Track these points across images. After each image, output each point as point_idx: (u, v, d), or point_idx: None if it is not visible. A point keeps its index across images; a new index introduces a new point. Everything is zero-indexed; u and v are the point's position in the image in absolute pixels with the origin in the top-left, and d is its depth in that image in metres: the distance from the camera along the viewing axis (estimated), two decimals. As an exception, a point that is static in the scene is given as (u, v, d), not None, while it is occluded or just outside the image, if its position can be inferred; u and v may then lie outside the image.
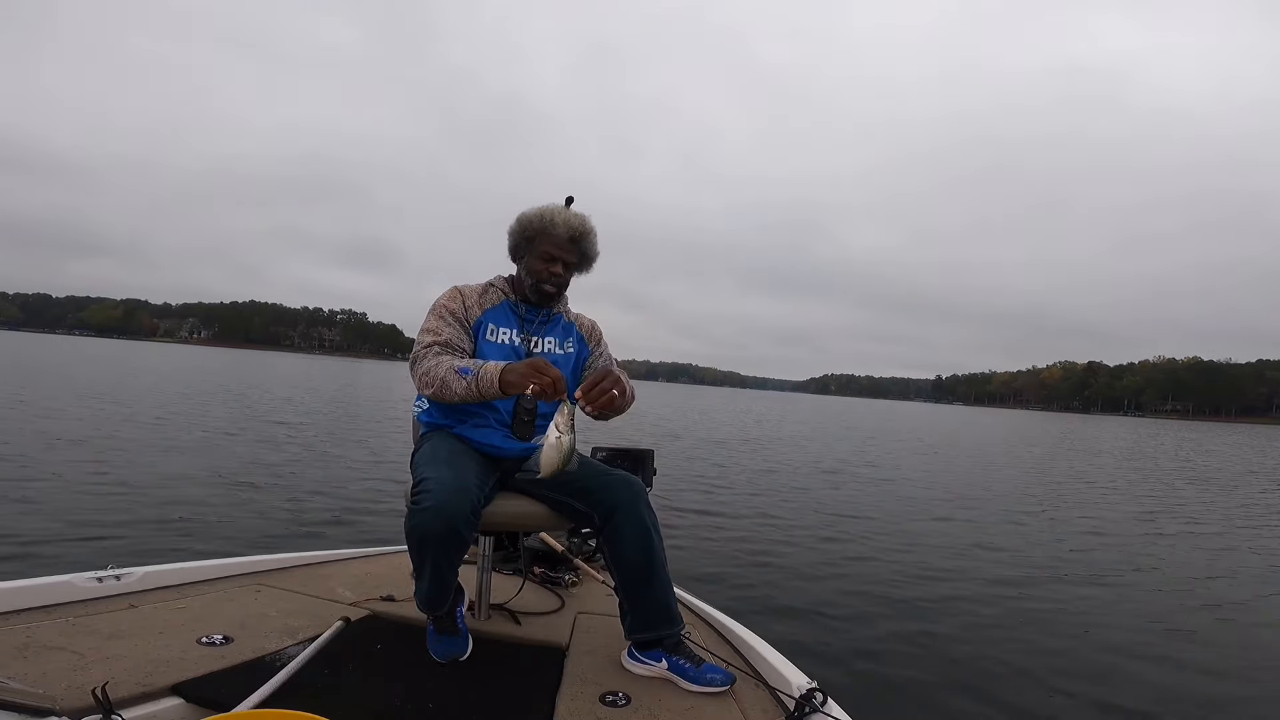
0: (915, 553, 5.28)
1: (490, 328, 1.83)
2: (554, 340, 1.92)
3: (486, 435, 1.80)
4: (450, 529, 1.49)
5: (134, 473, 6.02)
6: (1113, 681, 3.02)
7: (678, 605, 1.74)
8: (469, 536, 1.55)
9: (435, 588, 1.59)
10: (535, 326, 1.90)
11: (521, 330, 1.87)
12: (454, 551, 1.55)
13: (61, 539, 3.89)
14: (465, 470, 1.59)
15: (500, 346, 1.82)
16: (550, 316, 1.93)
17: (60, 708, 1.18)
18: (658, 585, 1.69)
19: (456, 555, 1.57)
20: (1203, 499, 10.12)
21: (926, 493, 8.82)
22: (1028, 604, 4.13)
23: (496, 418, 1.80)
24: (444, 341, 1.75)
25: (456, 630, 1.69)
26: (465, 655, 1.67)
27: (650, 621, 1.68)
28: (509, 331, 1.85)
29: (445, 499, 1.48)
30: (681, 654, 1.65)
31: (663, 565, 1.70)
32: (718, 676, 1.60)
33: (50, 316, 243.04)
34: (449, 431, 1.82)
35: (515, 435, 1.67)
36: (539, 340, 1.89)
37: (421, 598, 1.63)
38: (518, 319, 1.88)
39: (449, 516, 1.47)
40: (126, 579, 1.84)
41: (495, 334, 1.83)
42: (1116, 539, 6.50)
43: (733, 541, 5.23)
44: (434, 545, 1.51)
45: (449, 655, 1.65)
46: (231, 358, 68.61)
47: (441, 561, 1.55)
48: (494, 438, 1.80)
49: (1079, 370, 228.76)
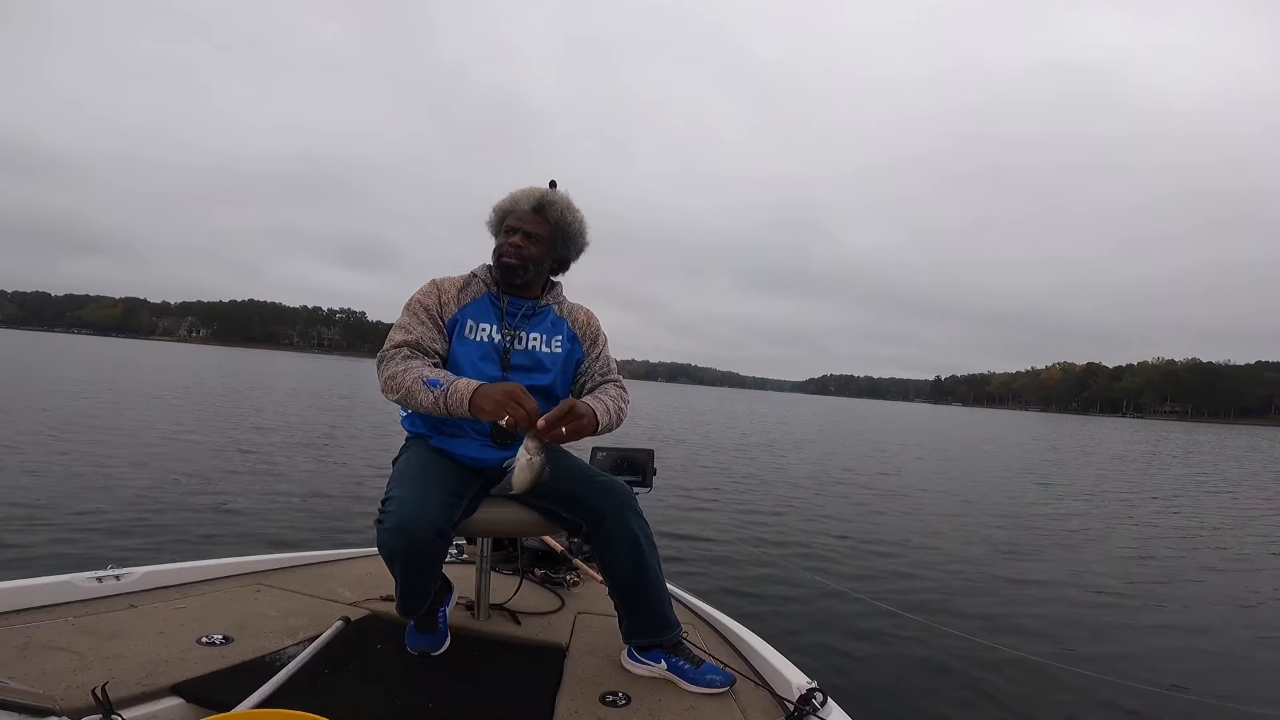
0: (916, 553, 5.29)
1: (469, 324, 1.71)
2: (540, 336, 1.76)
3: (463, 446, 1.70)
4: (412, 549, 1.46)
5: (133, 473, 6.02)
6: (1114, 681, 3.02)
7: (673, 610, 1.71)
8: (436, 555, 1.53)
9: (408, 598, 1.59)
10: (518, 320, 1.75)
11: (503, 325, 1.74)
12: (422, 568, 1.54)
13: (61, 538, 3.89)
14: (432, 490, 1.53)
15: (479, 344, 1.71)
16: (536, 310, 1.78)
17: (60, 708, 1.18)
18: (650, 593, 1.66)
19: (426, 571, 1.56)
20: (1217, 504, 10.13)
21: (926, 493, 8.82)
22: (1028, 604, 4.13)
23: (474, 426, 1.69)
24: (414, 342, 1.64)
25: (436, 628, 1.70)
26: (439, 651, 1.68)
27: (645, 629, 1.67)
28: (489, 327, 1.72)
29: (405, 521, 1.44)
30: (681, 654, 1.65)
31: (655, 573, 1.66)
32: (717, 677, 1.60)
33: (49, 315, 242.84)
34: (426, 442, 1.73)
35: (495, 443, 1.65)
36: (523, 336, 1.74)
37: (398, 603, 1.63)
38: (499, 312, 1.75)
39: (410, 538, 1.45)
40: (126, 579, 1.84)
41: (474, 330, 1.71)
42: (1116, 540, 6.51)
43: (733, 541, 5.23)
44: (399, 563, 1.50)
45: (422, 649, 1.66)
46: (231, 356, 68.59)
47: (410, 576, 1.53)
48: (470, 448, 1.70)
49: (1078, 371, 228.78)
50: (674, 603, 1.74)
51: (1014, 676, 3.02)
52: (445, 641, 1.71)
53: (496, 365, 1.71)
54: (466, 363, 1.69)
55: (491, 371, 1.69)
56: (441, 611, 1.74)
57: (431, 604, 1.68)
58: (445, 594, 1.78)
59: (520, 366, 1.73)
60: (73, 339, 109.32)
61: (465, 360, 1.70)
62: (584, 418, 1.52)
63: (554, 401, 1.74)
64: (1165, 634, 3.76)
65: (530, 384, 1.68)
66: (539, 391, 1.70)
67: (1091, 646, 3.45)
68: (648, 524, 1.69)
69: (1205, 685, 3.09)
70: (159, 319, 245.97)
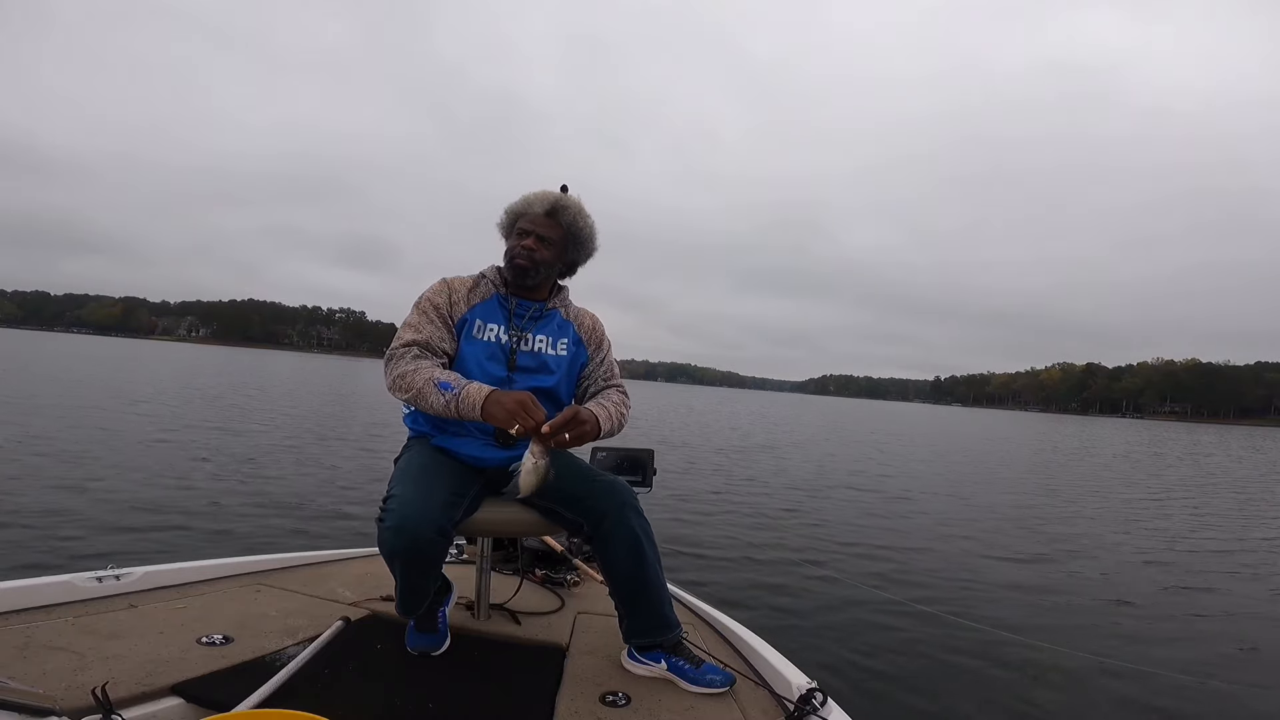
0: (916, 553, 5.29)
1: (478, 324, 1.73)
2: (546, 338, 1.78)
3: (465, 445, 1.72)
4: (413, 549, 1.48)
5: (133, 473, 6.01)
6: (1114, 682, 3.02)
7: (673, 610, 1.72)
8: (436, 555, 1.54)
9: (408, 597, 1.60)
10: (525, 322, 1.77)
11: (510, 325, 1.76)
12: (422, 568, 1.55)
13: (61, 538, 3.89)
14: (433, 489, 1.54)
15: (486, 344, 1.73)
16: (544, 312, 1.80)
17: (60, 708, 1.18)
18: (651, 593, 1.67)
19: (426, 570, 1.56)
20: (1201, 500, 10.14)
21: (927, 494, 8.82)
22: (1029, 604, 4.14)
23: (478, 425, 1.68)
24: (423, 341, 1.66)
25: (435, 628, 1.70)
26: (439, 650, 1.68)
27: (645, 628, 1.67)
28: (496, 327, 1.74)
29: (405, 520, 1.46)
30: (681, 655, 1.65)
31: (655, 573, 1.67)
32: (717, 677, 1.60)
33: (49, 314, 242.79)
34: (429, 440, 1.75)
35: (498, 443, 1.66)
36: (529, 337, 1.76)
37: (398, 602, 1.63)
38: (506, 313, 1.77)
39: (410, 537, 1.46)
40: (126, 579, 1.84)
41: (482, 330, 1.73)
42: (1117, 542, 6.51)
43: (733, 542, 5.23)
44: (399, 561, 1.51)
45: (421, 648, 1.67)
46: (230, 355, 68.58)
47: (410, 575, 1.54)
48: (472, 447, 1.72)
49: (1078, 372, 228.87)
50: (674, 603, 1.74)
51: (1015, 676, 3.02)
52: (445, 641, 1.72)
53: (502, 365, 1.73)
54: (473, 362, 1.71)
55: (497, 371, 1.71)
56: (441, 611, 1.74)
57: (431, 604, 1.68)
58: (445, 594, 1.78)
59: (525, 368, 1.75)
60: (72, 338, 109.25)
61: (472, 359, 1.71)
62: (587, 424, 1.54)
63: (557, 403, 1.77)
64: (1166, 634, 3.76)
65: (535, 385, 1.71)
66: (543, 393, 1.72)
67: (1092, 647, 3.45)
68: (649, 523, 1.69)
69: (1206, 685, 3.08)
70: (159, 318, 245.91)
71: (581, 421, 1.53)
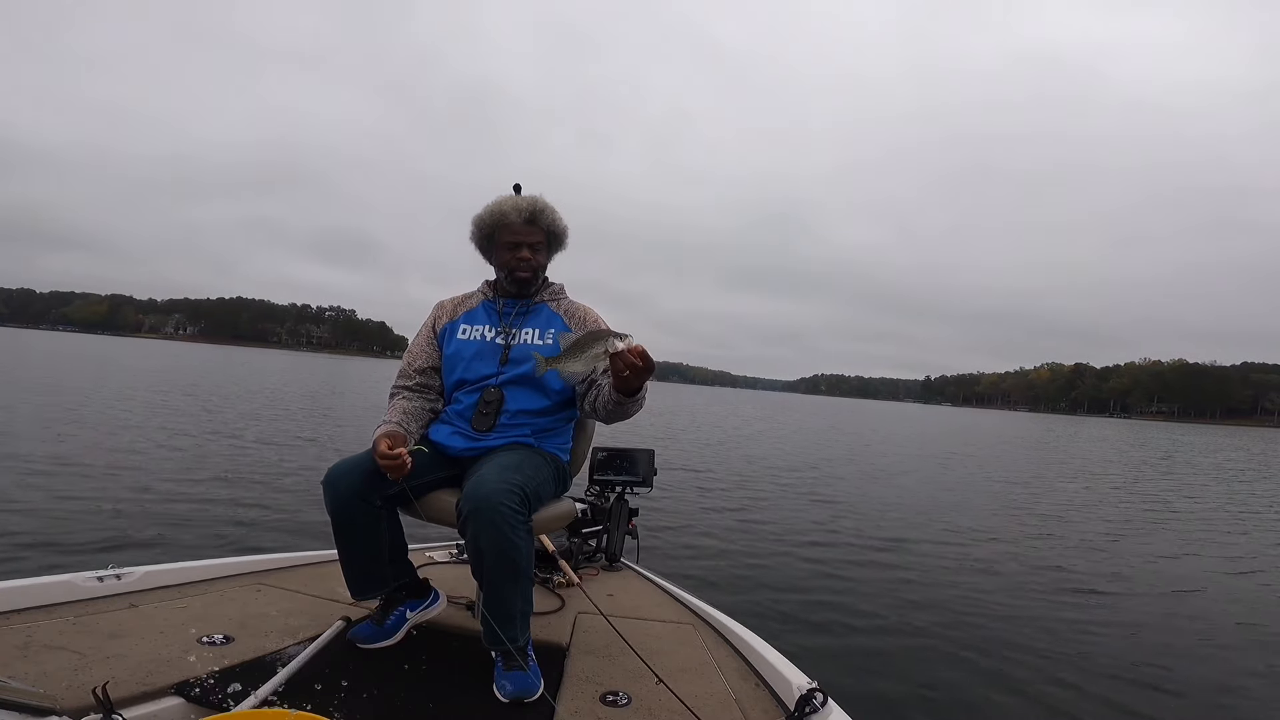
0: (916, 553, 5.32)
1: (463, 328, 1.89)
2: (534, 330, 1.88)
3: (435, 431, 1.84)
4: (333, 503, 1.62)
5: (133, 472, 5.97)
6: (1114, 683, 3.05)
7: (508, 626, 1.54)
8: (357, 518, 1.64)
9: (345, 568, 1.70)
10: (513, 319, 1.89)
11: (499, 324, 1.88)
12: (348, 532, 1.65)
13: (61, 538, 3.85)
14: (367, 458, 1.65)
15: (470, 342, 1.86)
16: (530, 307, 1.91)
17: (61, 707, 1.18)
18: (489, 601, 1.56)
19: (353, 535, 1.66)
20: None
21: (926, 496, 8.87)
22: (1029, 605, 4.16)
23: (455, 409, 1.83)
24: (409, 372, 1.89)
25: (382, 623, 1.71)
26: (373, 645, 1.67)
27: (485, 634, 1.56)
28: (482, 328, 1.88)
29: (330, 476, 1.64)
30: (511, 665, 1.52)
31: (497, 586, 1.54)
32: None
33: (34, 312, 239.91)
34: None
35: (473, 427, 1.77)
36: (517, 332, 1.86)
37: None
38: (495, 314, 1.91)
39: (332, 490, 1.62)
40: (127, 578, 1.84)
41: (468, 332, 1.88)
42: (1118, 542, 6.57)
43: (733, 542, 5.24)
44: (330, 517, 1.64)
45: (354, 636, 1.68)
46: (220, 353, 68.03)
47: (339, 537, 1.66)
48: (441, 434, 1.82)
49: (1066, 372, 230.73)
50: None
51: (1015, 676, 3.04)
52: (387, 640, 1.69)
53: (491, 363, 1.83)
54: (459, 363, 1.84)
55: (485, 369, 1.82)
56: (400, 611, 1.74)
57: (390, 598, 1.73)
58: (414, 597, 1.78)
59: (516, 360, 1.82)
60: (57, 335, 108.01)
61: (457, 360, 1.84)
62: (650, 371, 1.56)
63: (546, 392, 1.83)
64: (1166, 634, 3.80)
65: (523, 375, 1.80)
66: (532, 382, 1.79)
67: (1092, 646, 3.49)
68: (502, 532, 1.49)
69: (1209, 686, 3.12)
70: (145, 316, 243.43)
71: (652, 367, 1.55)
